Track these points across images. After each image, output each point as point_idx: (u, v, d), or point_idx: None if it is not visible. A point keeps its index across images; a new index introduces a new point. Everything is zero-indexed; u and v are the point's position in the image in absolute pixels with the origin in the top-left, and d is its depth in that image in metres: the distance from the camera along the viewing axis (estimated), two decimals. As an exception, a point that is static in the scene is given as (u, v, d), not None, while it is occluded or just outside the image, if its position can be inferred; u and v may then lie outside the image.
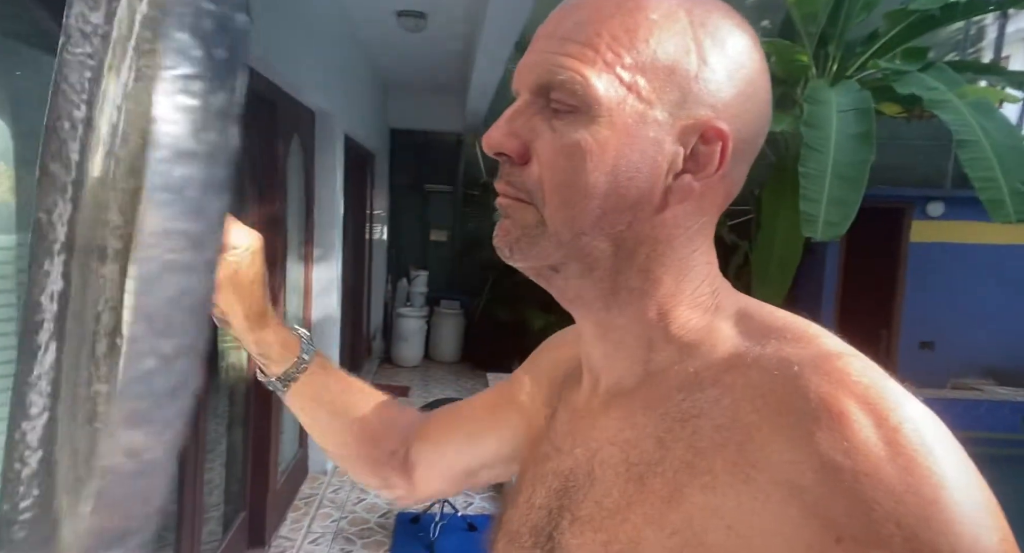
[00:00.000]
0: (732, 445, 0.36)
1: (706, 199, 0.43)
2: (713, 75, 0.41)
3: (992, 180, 3.22)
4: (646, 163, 0.41)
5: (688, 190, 0.42)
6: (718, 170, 0.41)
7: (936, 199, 5.74)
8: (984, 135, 3.28)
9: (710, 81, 0.41)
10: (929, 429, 0.34)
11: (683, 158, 0.41)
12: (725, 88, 0.41)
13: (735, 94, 0.41)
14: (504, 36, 3.14)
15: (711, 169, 0.41)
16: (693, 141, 0.41)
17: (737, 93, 0.42)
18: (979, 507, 0.33)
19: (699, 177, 0.42)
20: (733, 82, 0.41)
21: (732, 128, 0.41)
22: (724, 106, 0.41)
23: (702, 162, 0.41)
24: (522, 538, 0.48)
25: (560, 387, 0.56)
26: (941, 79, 3.81)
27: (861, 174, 3.17)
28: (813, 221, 3.14)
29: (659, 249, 0.43)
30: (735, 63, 0.42)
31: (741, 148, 0.43)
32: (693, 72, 0.40)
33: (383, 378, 5.66)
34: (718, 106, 0.41)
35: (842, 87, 3.71)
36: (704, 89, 0.41)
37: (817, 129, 3.28)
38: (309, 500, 3.29)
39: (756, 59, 0.43)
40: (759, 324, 0.42)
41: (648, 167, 0.41)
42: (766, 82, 0.44)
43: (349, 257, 4.55)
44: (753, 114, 0.43)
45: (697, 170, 0.41)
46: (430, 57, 4.42)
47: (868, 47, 4.40)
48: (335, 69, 3.55)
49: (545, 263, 0.44)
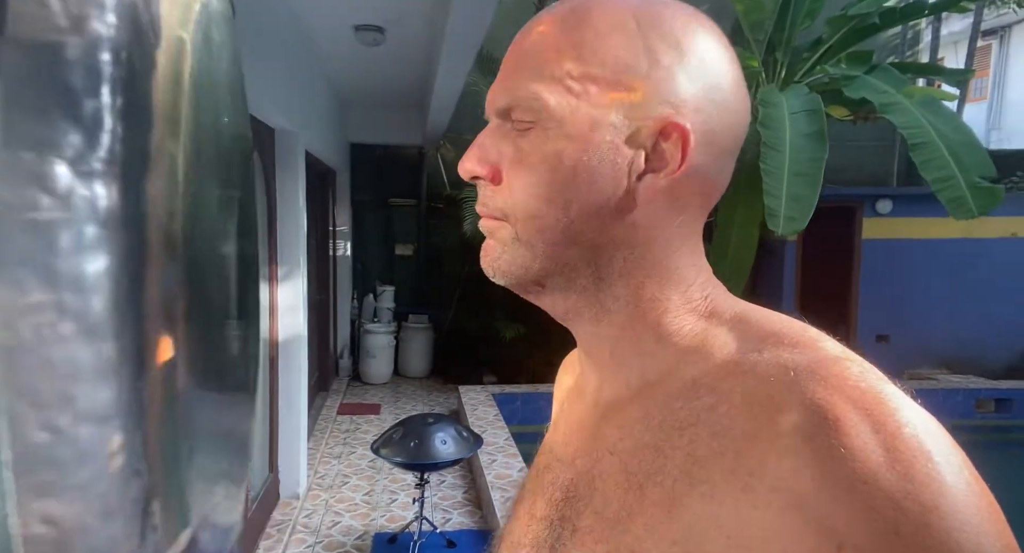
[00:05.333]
0: (730, 453, 0.36)
1: (678, 197, 0.43)
2: (667, 73, 0.41)
3: (950, 179, 3.35)
4: (606, 167, 0.41)
5: (653, 189, 0.42)
6: (680, 166, 0.41)
7: (884, 197, 5.97)
8: (937, 135, 3.42)
9: (664, 80, 0.41)
10: (928, 434, 0.33)
11: (644, 158, 0.42)
12: (683, 84, 0.41)
13: (695, 88, 0.42)
14: (464, 49, 3.16)
15: (673, 166, 0.41)
16: (653, 140, 0.41)
17: (698, 87, 0.42)
18: (981, 514, 0.32)
19: (662, 175, 0.42)
20: (691, 77, 0.42)
21: (696, 122, 0.41)
22: (683, 102, 0.41)
23: (664, 160, 0.42)
24: (523, 550, 0.48)
25: (564, 401, 0.56)
26: (887, 80, 3.96)
27: (817, 171, 3.27)
28: (775, 216, 3.23)
29: (637, 253, 0.43)
30: (693, 58, 0.42)
31: (709, 140, 0.42)
32: (644, 73, 0.41)
33: (352, 397, 5.57)
34: (677, 103, 0.41)
35: (792, 91, 3.84)
36: (658, 88, 0.41)
37: (772, 130, 3.39)
38: (281, 527, 3.20)
39: (716, 52, 0.43)
40: (756, 329, 0.41)
41: (609, 171, 0.41)
42: (732, 72, 0.43)
43: (314, 275, 4.48)
44: (720, 105, 0.42)
45: (660, 168, 0.42)
46: (389, 71, 4.41)
47: (814, 52, 4.57)
48: (294, 86, 3.51)
49: (527, 278, 0.45)
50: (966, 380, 5.45)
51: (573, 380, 0.56)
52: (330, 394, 5.46)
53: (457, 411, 4.74)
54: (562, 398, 0.58)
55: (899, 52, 7.16)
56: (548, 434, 0.54)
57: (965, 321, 5.95)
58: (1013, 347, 6.07)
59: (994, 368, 5.87)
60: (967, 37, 7.47)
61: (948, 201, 3.34)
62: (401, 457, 2.71)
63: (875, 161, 6.93)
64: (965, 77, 5.46)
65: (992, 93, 12.23)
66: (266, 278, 3.29)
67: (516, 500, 0.53)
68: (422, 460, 2.70)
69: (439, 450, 2.71)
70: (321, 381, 5.31)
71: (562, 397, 0.58)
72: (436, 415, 2.96)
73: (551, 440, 0.52)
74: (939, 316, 5.96)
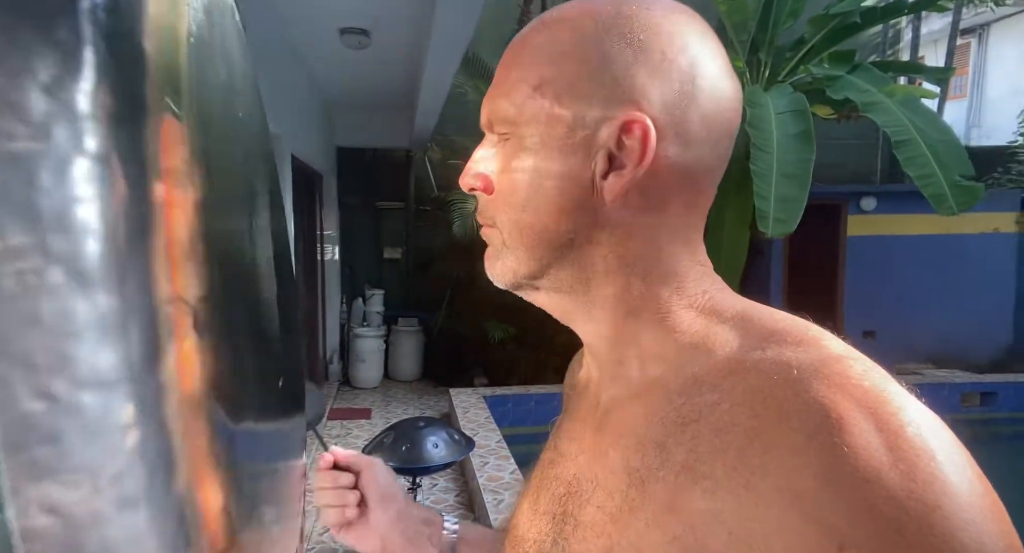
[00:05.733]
0: (732, 450, 0.36)
1: (649, 193, 0.43)
2: (625, 71, 0.41)
3: (931, 176, 3.39)
4: (572, 169, 0.43)
5: (619, 186, 0.42)
6: (642, 160, 0.41)
7: (868, 194, 6.04)
8: (918, 133, 3.46)
9: (622, 78, 0.41)
10: (932, 433, 0.33)
11: (609, 156, 0.42)
12: (644, 81, 0.41)
13: (660, 84, 0.42)
14: (450, 51, 3.16)
15: (635, 161, 0.42)
16: (616, 138, 0.42)
17: (663, 82, 0.42)
18: (984, 513, 0.32)
19: (627, 172, 0.42)
20: (653, 73, 0.42)
21: (660, 116, 0.41)
22: (646, 98, 0.41)
23: (629, 157, 0.42)
24: (527, 544, 0.48)
25: (570, 397, 0.57)
26: (869, 79, 4.00)
27: (805, 172, 3.29)
28: (765, 218, 3.25)
29: (618, 251, 0.44)
30: (655, 54, 0.42)
31: (679, 132, 0.42)
32: (599, 74, 0.42)
33: (343, 401, 5.54)
34: (639, 99, 0.41)
35: (776, 91, 3.87)
36: (617, 87, 0.42)
37: (760, 130, 3.41)
38: (275, 532, 3.18)
39: (683, 42, 0.43)
40: (759, 327, 0.41)
41: (575, 172, 0.43)
42: (703, 60, 0.43)
43: (301, 280, 4.46)
44: (690, 96, 0.42)
45: (625, 165, 0.42)
46: (375, 74, 4.40)
47: (796, 52, 4.61)
48: (279, 90, 3.49)
49: (518, 281, 0.46)
50: (952, 375, 5.51)
51: (580, 376, 0.57)
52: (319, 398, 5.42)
53: (448, 414, 4.72)
54: (569, 394, 0.58)
55: (880, 51, 7.25)
56: (554, 430, 0.55)
57: (949, 316, 6.03)
58: (997, 341, 6.16)
59: (978, 362, 5.95)
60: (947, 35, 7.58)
61: (931, 197, 3.38)
62: (393, 461, 2.70)
63: (858, 159, 7.01)
64: (945, 75, 5.53)
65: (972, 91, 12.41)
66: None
67: (521, 495, 0.53)
68: (414, 464, 2.69)
69: (431, 454, 2.70)
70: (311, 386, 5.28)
71: (570, 393, 0.58)
72: (427, 419, 2.95)
73: (556, 435, 0.53)
74: (924, 312, 6.03)
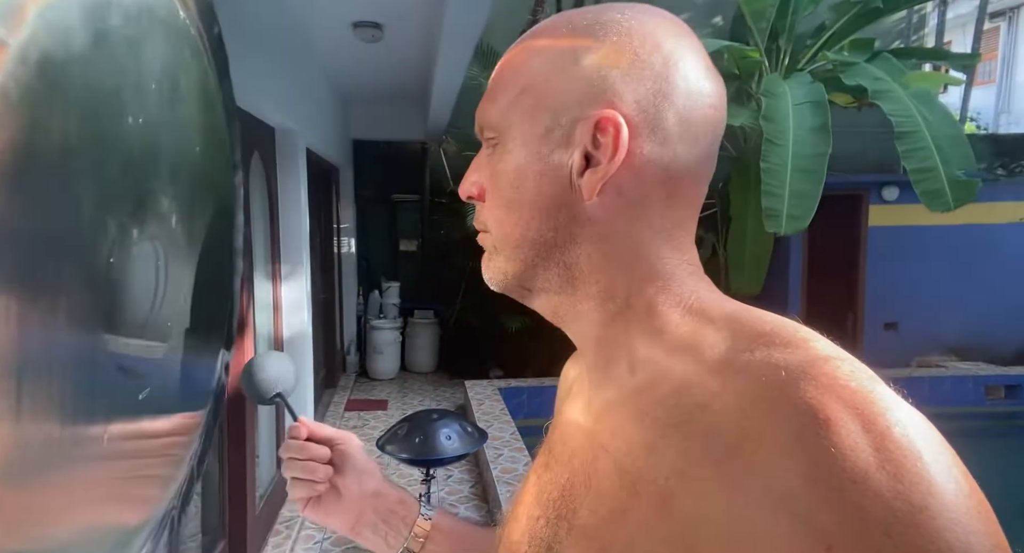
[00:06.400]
0: (722, 452, 0.36)
1: (626, 190, 0.44)
2: (599, 72, 0.43)
3: (931, 170, 3.32)
4: (549, 169, 0.44)
5: (594, 183, 0.43)
6: (615, 156, 0.42)
7: (890, 184, 5.91)
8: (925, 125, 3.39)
9: (597, 79, 0.43)
10: (919, 433, 0.33)
11: (585, 155, 0.44)
12: (617, 80, 0.43)
13: (632, 81, 0.43)
14: (463, 43, 3.14)
15: (608, 157, 0.43)
16: (590, 137, 0.43)
17: (635, 80, 0.43)
18: (970, 513, 0.32)
19: (602, 168, 0.43)
20: (626, 72, 0.43)
21: (634, 114, 0.43)
22: (619, 96, 0.43)
23: (603, 153, 0.43)
24: (521, 549, 0.48)
25: (561, 400, 0.57)
26: (886, 69, 3.93)
27: (820, 167, 3.24)
28: (776, 216, 3.21)
29: (600, 249, 0.45)
30: (627, 54, 0.43)
31: (654, 128, 0.43)
32: (575, 77, 0.44)
33: (360, 392, 5.59)
34: (612, 98, 0.43)
35: (795, 80, 3.80)
36: (592, 88, 0.43)
37: (775, 123, 3.36)
38: (290, 523, 3.22)
39: (656, 42, 0.44)
40: (748, 329, 0.41)
41: (552, 171, 0.44)
42: (677, 60, 0.44)
43: (318, 272, 4.49)
44: (665, 94, 0.43)
45: (599, 162, 0.43)
46: (389, 67, 4.40)
47: (817, 39, 4.52)
48: (293, 84, 3.50)
49: (509, 283, 0.49)
50: (975, 367, 5.41)
51: (573, 379, 0.57)
52: (337, 390, 5.48)
53: (464, 406, 4.75)
54: (563, 396, 0.59)
55: (905, 36, 7.07)
56: (548, 433, 0.55)
57: (973, 308, 5.90)
58: (1022, 333, 6.02)
59: (1003, 354, 5.83)
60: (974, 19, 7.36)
61: (924, 193, 3.31)
62: (406, 453, 2.72)
63: (880, 148, 6.84)
64: (971, 62, 5.39)
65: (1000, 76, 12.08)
66: (269, 277, 3.30)
67: (515, 500, 0.54)
68: (427, 456, 2.71)
69: (444, 446, 2.71)
70: (328, 378, 5.33)
71: (563, 396, 0.59)
72: (441, 411, 2.96)
73: (550, 439, 0.53)
74: (947, 303, 5.91)
